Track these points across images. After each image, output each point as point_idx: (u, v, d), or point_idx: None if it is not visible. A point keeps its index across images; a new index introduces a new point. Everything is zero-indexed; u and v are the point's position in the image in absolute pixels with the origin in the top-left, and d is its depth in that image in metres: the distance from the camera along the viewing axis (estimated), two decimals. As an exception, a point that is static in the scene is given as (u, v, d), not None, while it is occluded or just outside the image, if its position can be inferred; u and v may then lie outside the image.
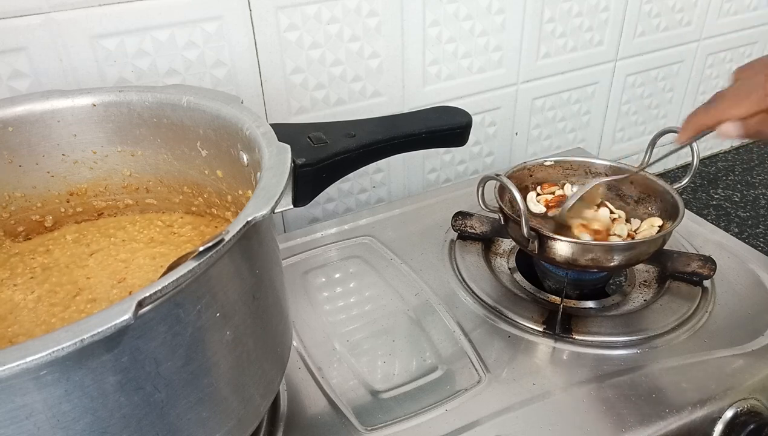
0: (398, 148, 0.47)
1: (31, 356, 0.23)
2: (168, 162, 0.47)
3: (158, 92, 0.45)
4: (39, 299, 0.42)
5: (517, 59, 0.78)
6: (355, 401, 0.47)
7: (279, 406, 0.47)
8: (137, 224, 0.49)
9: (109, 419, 0.28)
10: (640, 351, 0.52)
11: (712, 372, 0.49)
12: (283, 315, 0.41)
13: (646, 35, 0.86)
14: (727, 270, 0.60)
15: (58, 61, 0.53)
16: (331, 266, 0.62)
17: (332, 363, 0.51)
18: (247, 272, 0.35)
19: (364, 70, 0.68)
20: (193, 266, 0.27)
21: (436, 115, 0.50)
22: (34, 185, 0.47)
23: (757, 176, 0.96)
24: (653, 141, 0.61)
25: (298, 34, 0.62)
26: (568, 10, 0.78)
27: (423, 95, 0.73)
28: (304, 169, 0.41)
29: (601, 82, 0.87)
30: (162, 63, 0.57)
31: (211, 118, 0.43)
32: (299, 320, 0.55)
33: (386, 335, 0.54)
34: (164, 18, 0.56)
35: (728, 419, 0.47)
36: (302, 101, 0.66)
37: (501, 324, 0.55)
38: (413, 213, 0.71)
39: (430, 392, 0.48)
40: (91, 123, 0.46)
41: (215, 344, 0.32)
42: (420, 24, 0.69)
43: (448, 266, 0.62)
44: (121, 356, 0.27)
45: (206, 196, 0.48)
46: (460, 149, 0.81)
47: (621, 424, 0.45)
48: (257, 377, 0.37)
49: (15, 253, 0.46)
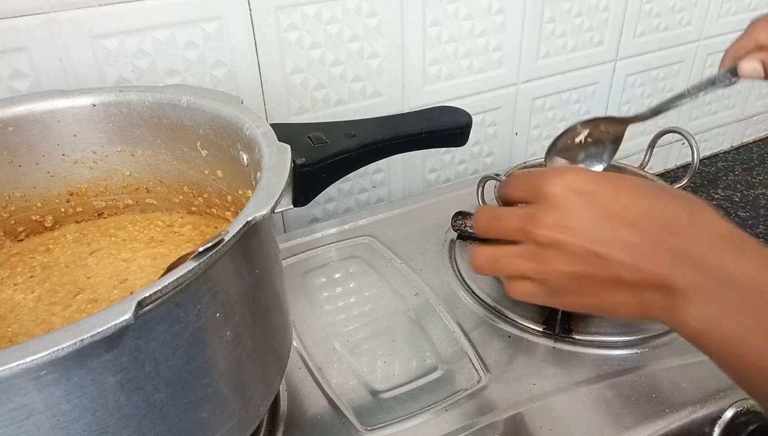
0: (398, 148, 0.47)
1: (31, 356, 0.23)
2: (168, 162, 0.47)
3: (158, 92, 0.45)
4: (39, 299, 0.42)
5: (517, 59, 0.78)
6: (355, 401, 0.47)
7: (279, 406, 0.47)
8: (137, 224, 0.49)
9: (109, 419, 0.28)
10: (640, 351, 0.52)
11: (712, 372, 0.49)
12: (283, 315, 0.41)
13: (646, 35, 0.86)
14: (727, 270, 0.60)
15: (58, 61, 0.53)
16: (331, 266, 0.62)
17: (332, 363, 0.51)
18: (247, 272, 0.35)
19: (364, 70, 0.68)
20: (193, 266, 0.27)
21: (436, 115, 0.50)
22: (34, 185, 0.47)
23: (757, 176, 0.96)
24: (653, 141, 0.61)
25: (298, 34, 0.62)
26: (568, 10, 0.78)
27: (423, 95, 0.73)
28: (304, 169, 0.41)
29: (601, 82, 0.87)
30: (162, 63, 0.57)
31: (211, 118, 0.43)
32: (299, 320, 0.55)
33: (386, 335, 0.54)
34: (164, 18, 0.56)
35: (728, 419, 0.47)
36: (302, 101, 0.66)
37: (501, 324, 0.55)
38: (413, 213, 0.71)
39: (430, 392, 0.48)
40: (91, 123, 0.46)
41: (215, 344, 0.32)
42: (420, 24, 0.69)
43: (448, 266, 0.62)
44: (121, 356, 0.27)
45: (206, 196, 0.48)
46: (460, 149, 0.81)
47: (621, 424, 0.45)
48: (257, 377, 0.37)
49: (15, 252, 0.46)
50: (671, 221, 0.33)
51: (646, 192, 0.35)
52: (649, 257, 0.33)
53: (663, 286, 0.32)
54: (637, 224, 0.33)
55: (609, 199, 0.35)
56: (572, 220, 0.35)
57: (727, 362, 0.32)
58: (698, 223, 0.33)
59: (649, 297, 0.33)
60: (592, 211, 0.35)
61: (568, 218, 0.35)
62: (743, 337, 0.30)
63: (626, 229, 0.33)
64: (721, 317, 0.31)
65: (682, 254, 0.32)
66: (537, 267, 0.36)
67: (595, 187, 0.35)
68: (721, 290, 0.31)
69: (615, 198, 0.35)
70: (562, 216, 0.35)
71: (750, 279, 0.31)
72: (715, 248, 0.32)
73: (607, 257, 0.33)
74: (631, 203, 0.34)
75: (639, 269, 0.33)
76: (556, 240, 0.35)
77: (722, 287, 0.31)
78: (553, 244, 0.35)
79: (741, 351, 0.30)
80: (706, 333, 0.31)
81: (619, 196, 0.35)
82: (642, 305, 0.34)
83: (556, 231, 0.35)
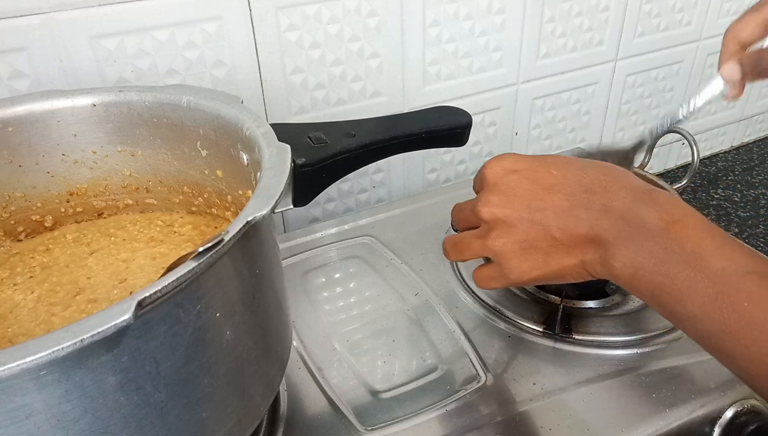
0: (398, 148, 0.47)
1: (31, 356, 0.23)
2: (168, 162, 0.47)
3: (158, 92, 0.45)
4: (39, 299, 0.42)
5: (517, 59, 0.78)
6: (355, 401, 0.47)
7: (279, 406, 0.47)
8: (137, 224, 0.49)
9: (109, 419, 0.28)
10: (640, 351, 0.52)
11: (712, 372, 0.49)
12: (283, 315, 0.41)
13: (646, 35, 0.86)
14: (727, 270, 0.60)
15: (58, 61, 0.53)
16: (331, 266, 0.62)
17: (332, 363, 0.51)
18: (247, 272, 0.35)
19: (364, 70, 0.68)
20: (193, 266, 0.27)
21: (436, 115, 0.50)
22: (34, 185, 0.47)
23: (757, 176, 0.96)
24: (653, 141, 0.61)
25: (298, 34, 0.62)
26: (568, 10, 0.78)
27: (423, 95, 0.73)
28: (304, 169, 0.41)
29: (601, 82, 0.87)
30: (162, 63, 0.57)
31: (211, 118, 0.43)
32: (299, 320, 0.55)
33: (386, 335, 0.54)
34: (164, 18, 0.56)
35: (728, 419, 0.47)
36: (302, 101, 0.66)
37: (501, 324, 0.55)
38: (413, 213, 0.71)
39: (430, 392, 0.48)
40: (91, 123, 0.46)
41: (215, 344, 0.32)
42: (420, 24, 0.69)
43: (448, 265, 0.62)
44: (121, 356, 0.27)
45: (206, 196, 0.48)
46: (460, 149, 0.81)
47: (621, 424, 0.45)
48: (257, 377, 0.37)
49: (15, 252, 0.46)
50: (595, 184, 0.38)
51: (572, 165, 0.39)
52: (580, 218, 0.37)
53: (594, 241, 0.37)
54: (566, 191, 0.38)
55: (540, 174, 0.39)
56: (510, 195, 0.39)
57: (663, 306, 0.34)
58: (617, 183, 0.37)
59: (588, 255, 0.37)
60: (526, 184, 0.39)
61: (507, 194, 0.39)
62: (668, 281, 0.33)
63: (557, 196, 0.38)
64: (646, 262, 0.34)
65: (606, 211, 0.36)
66: (487, 242, 0.40)
67: (528, 165, 0.40)
68: (642, 238, 0.34)
69: (546, 172, 0.39)
70: (501, 193, 0.40)
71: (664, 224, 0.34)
72: (634, 202, 0.36)
73: (543, 223, 0.38)
74: (560, 174, 0.39)
75: (572, 229, 0.37)
76: (497, 216, 0.39)
77: (643, 235, 0.35)
78: (497, 219, 0.39)
79: (670, 298, 0.33)
80: (636, 278, 0.35)
81: (549, 170, 0.39)
82: (583, 264, 0.38)
83: (497, 207, 0.39)
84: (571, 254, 0.38)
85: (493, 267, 0.42)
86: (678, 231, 0.34)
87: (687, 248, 0.33)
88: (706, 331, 0.32)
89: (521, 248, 0.39)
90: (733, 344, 0.31)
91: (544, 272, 0.39)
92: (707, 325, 0.32)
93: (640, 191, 0.37)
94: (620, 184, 0.37)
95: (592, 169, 0.39)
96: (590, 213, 0.37)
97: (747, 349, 0.31)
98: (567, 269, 0.39)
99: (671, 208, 0.35)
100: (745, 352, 0.31)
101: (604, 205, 0.37)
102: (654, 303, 0.35)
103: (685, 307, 0.33)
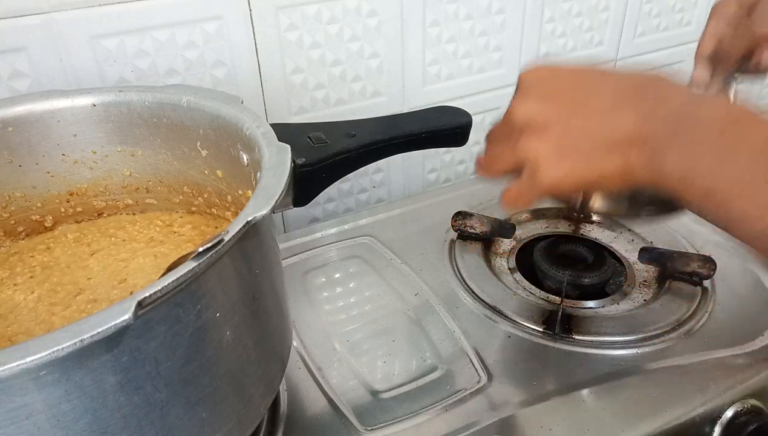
0: (398, 148, 0.47)
1: (31, 356, 0.23)
2: (168, 162, 0.47)
3: (158, 92, 0.45)
4: (39, 299, 0.42)
5: (517, 59, 0.77)
6: (355, 401, 0.47)
7: (279, 406, 0.47)
8: (137, 224, 0.49)
9: (109, 419, 0.28)
10: (640, 351, 0.51)
11: (712, 372, 0.49)
12: (283, 315, 0.41)
13: (646, 35, 0.86)
14: (727, 270, 0.60)
15: (58, 61, 0.53)
16: (331, 266, 0.62)
17: (332, 363, 0.51)
18: (247, 272, 0.35)
19: (364, 70, 0.68)
20: (193, 266, 0.27)
21: (436, 115, 0.50)
22: (34, 185, 0.47)
23: (757, 176, 0.96)
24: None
25: (298, 34, 0.62)
26: (568, 10, 0.78)
27: (423, 95, 0.73)
28: (304, 169, 0.41)
29: (601, 82, 0.87)
30: (162, 63, 0.57)
31: (211, 118, 0.43)
32: (299, 320, 0.55)
33: (386, 335, 0.54)
34: (164, 18, 0.56)
35: (728, 419, 0.47)
36: (302, 101, 0.66)
37: (501, 324, 0.55)
38: (413, 213, 0.71)
39: (430, 392, 0.48)
40: (91, 123, 0.46)
41: (215, 344, 0.32)
42: (420, 24, 0.69)
43: (448, 266, 0.62)
44: (121, 356, 0.27)
45: (206, 196, 0.48)
46: (460, 149, 0.80)
47: (621, 424, 0.45)
48: (257, 377, 0.37)
49: (15, 252, 0.46)
50: (643, 85, 0.35)
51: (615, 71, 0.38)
52: (625, 118, 0.35)
53: (642, 141, 0.34)
54: (610, 92, 0.36)
55: (583, 75, 0.37)
56: (546, 96, 0.37)
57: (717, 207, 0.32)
58: (664, 87, 0.35)
59: (633, 157, 0.34)
60: (566, 84, 0.37)
61: (543, 95, 0.37)
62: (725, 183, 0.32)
63: (599, 96, 0.36)
64: (702, 162, 0.32)
65: (656, 110, 0.34)
66: (520, 145, 0.37)
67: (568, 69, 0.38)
68: (698, 138, 0.32)
69: (589, 73, 0.37)
70: (537, 94, 0.37)
71: (723, 124, 0.32)
72: (689, 102, 0.34)
73: (583, 123, 0.35)
74: (603, 77, 0.37)
75: (617, 130, 0.35)
76: (531, 116, 0.37)
77: (700, 134, 0.32)
78: (531, 119, 0.37)
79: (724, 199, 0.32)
80: (688, 179, 0.33)
81: (592, 72, 0.37)
82: (626, 166, 0.35)
83: (532, 107, 0.37)
84: (614, 156, 0.35)
85: (522, 180, 0.38)
86: (737, 132, 0.32)
87: (748, 149, 0.31)
88: (764, 231, 0.31)
89: (557, 149, 0.36)
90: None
91: (581, 177, 0.36)
92: (765, 224, 0.30)
93: (692, 93, 0.35)
94: (671, 85, 0.35)
95: (638, 75, 0.36)
96: (638, 112, 0.34)
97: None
98: (607, 172, 0.35)
99: (729, 108, 0.33)
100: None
101: (654, 103, 0.34)
102: (704, 205, 0.33)
103: (743, 208, 0.31)
